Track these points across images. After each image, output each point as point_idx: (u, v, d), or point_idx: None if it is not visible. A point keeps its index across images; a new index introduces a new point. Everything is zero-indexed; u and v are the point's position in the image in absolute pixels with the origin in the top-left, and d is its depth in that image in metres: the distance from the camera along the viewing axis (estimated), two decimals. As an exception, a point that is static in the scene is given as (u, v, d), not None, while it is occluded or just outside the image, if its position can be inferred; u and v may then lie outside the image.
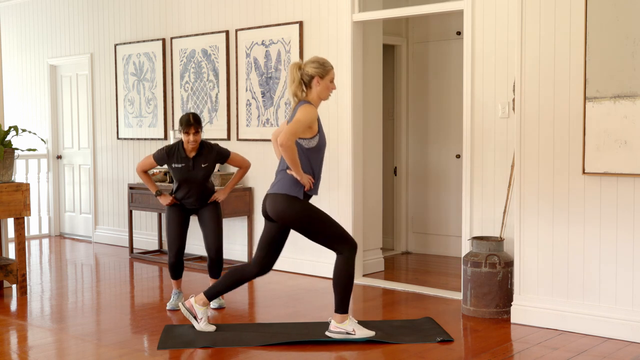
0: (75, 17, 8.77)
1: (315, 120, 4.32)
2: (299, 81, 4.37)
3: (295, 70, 4.38)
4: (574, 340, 4.45)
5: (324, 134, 4.46)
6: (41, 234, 9.22)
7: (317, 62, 4.37)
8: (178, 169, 5.18)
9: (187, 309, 4.64)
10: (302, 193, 4.34)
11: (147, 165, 5.30)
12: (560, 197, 4.65)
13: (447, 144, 7.43)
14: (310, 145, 4.35)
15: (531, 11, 4.70)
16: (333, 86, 4.44)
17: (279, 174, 4.43)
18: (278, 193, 4.36)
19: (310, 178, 4.35)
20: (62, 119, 9.18)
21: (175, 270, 5.33)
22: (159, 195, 5.31)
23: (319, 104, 4.43)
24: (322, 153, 4.46)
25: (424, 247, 7.64)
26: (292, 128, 4.23)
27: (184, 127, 5.10)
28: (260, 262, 4.52)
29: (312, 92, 4.39)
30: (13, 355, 4.36)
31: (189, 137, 5.10)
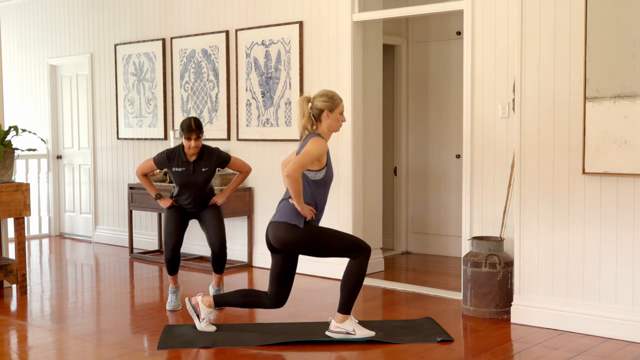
0: (75, 17, 8.77)
1: (324, 153, 4.32)
2: (308, 115, 4.37)
3: (305, 104, 4.38)
4: (574, 340, 4.45)
5: (332, 168, 4.45)
6: (41, 234, 9.22)
7: (326, 96, 4.37)
8: (178, 172, 5.18)
9: (192, 306, 4.64)
10: (303, 222, 4.34)
11: (147, 168, 5.30)
12: (560, 197, 4.65)
13: (447, 144, 7.43)
14: (316, 178, 4.35)
15: (531, 11, 4.70)
16: (343, 118, 4.43)
17: (281, 203, 4.45)
18: (279, 221, 4.37)
19: (311, 209, 4.34)
20: (62, 119, 9.18)
21: (172, 266, 5.29)
22: (158, 199, 5.30)
23: (329, 136, 4.43)
24: (328, 187, 4.45)
25: (424, 247, 7.64)
26: (300, 160, 4.23)
27: (185, 133, 5.10)
28: (275, 297, 4.51)
29: (322, 125, 4.38)
30: (13, 355, 4.36)
31: (190, 142, 5.10)
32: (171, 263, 5.30)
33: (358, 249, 4.41)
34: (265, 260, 6.79)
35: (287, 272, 4.49)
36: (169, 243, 5.27)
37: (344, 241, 4.42)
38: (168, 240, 5.27)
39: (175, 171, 5.19)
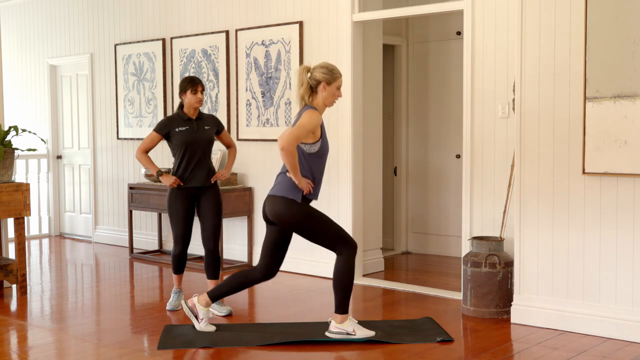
0: (75, 17, 8.77)
1: (318, 125, 4.31)
2: (307, 85, 4.37)
3: (304, 73, 4.38)
4: (574, 340, 4.45)
5: (327, 140, 4.45)
6: (41, 234, 9.22)
7: (326, 68, 4.37)
8: (182, 132, 5.04)
9: (189, 308, 4.64)
10: (301, 196, 4.34)
11: (149, 142, 5.09)
12: (560, 197, 4.65)
13: (447, 144, 7.43)
14: (311, 151, 4.34)
15: (531, 11, 4.70)
16: (339, 94, 4.43)
17: (279, 177, 4.44)
18: (276, 195, 4.37)
19: (309, 182, 4.34)
20: (62, 119, 9.18)
21: (180, 263, 5.20)
22: (161, 175, 5.05)
23: (323, 110, 4.42)
24: (324, 159, 4.45)
25: (424, 247, 7.65)
26: (294, 132, 4.23)
27: (190, 86, 5.03)
28: (265, 267, 4.52)
29: (318, 98, 4.38)
30: (13, 355, 4.36)
31: (197, 95, 5.04)
32: (179, 260, 5.20)
33: (344, 245, 4.39)
34: (265, 260, 6.79)
35: (281, 243, 4.50)
36: (180, 235, 5.11)
37: (334, 231, 4.41)
38: (179, 230, 5.11)
39: (179, 131, 5.03)
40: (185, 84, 5.08)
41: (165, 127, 5.08)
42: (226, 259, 7.09)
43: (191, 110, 5.11)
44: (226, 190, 6.73)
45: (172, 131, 5.06)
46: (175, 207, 5.12)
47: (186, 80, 5.09)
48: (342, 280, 4.40)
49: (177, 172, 5.09)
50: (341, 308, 4.44)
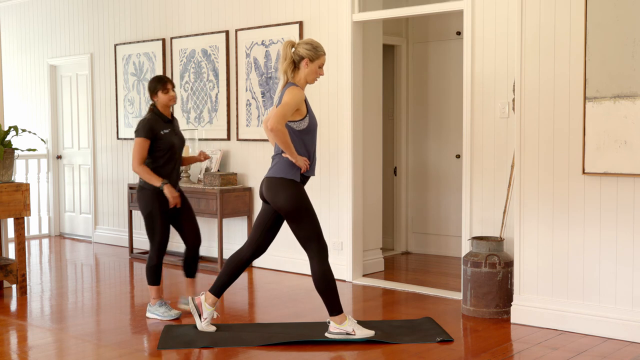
0: (75, 17, 8.77)
1: (302, 101, 4.32)
2: (290, 60, 4.37)
3: (288, 48, 4.38)
4: (574, 340, 4.45)
5: (313, 114, 4.46)
6: (41, 234, 9.22)
7: (310, 45, 4.36)
8: (167, 134, 4.94)
9: (195, 306, 4.63)
10: (299, 175, 4.35)
11: (143, 150, 4.87)
12: (560, 197, 4.65)
13: (447, 144, 7.43)
14: (301, 127, 4.35)
15: (531, 11, 4.70)
16: (321, 72, 4.42)
17: (275, 158, 4.43)
18: (275, 177, 4.37)
19: (305, 160, 4.35)
20: (62, 119, 9.18)
21: (160, 272, 5.05)
22: (165, 185, 4.87)
23: (304, 86, 4.41)
24: (315, 133, 4.46)
25: (424, 247, 7.65)
26: (280, 111, 4.22)
27: (162, 85, 4.95)
28: (254, 243, 4.53)
29: (300, 74, 4.38)
30: (13, 355, 4.36)
31: (169, 93, 4.96)
32: (160, 269, 5.05)
33: (317, 244, 4.37)
34: (264, 260, 6.79)
35: (275, 221, 4.51)
36: (162, 241, 4.98)
37: (316, 228, 4.39)
38: (161, 237, 4.97)
39: (164, 134, 4.91)
40: (155, 85, 4.98)
41: (151, 130, 4.90)
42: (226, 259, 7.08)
43: (166, 110, 5.02)
44: (226, 190, 6.74)
45: (158, 134, 4.92)
46: (158, 213, 4.95)
47: (155, 81, 4.99)
48: (323, 283, 4.38)
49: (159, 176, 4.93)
50: (334, 309, 4.43)
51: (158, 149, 4.93)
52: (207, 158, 5.26)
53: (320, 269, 4.38)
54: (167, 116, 5.02)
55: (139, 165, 4.89)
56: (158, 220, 4.96)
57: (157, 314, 5.04)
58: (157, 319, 5.03)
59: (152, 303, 5.08)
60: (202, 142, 7.39)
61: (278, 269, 6.73)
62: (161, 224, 4.97)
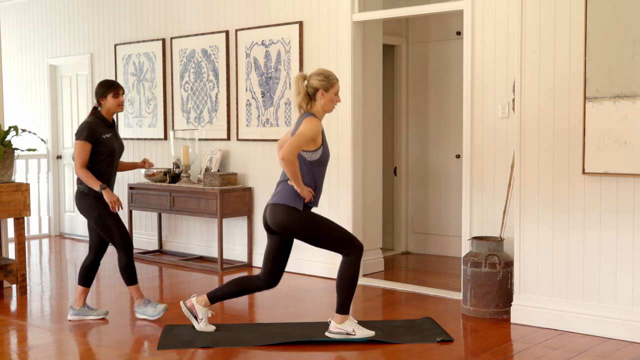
0: (75, 17, 8.77)
1: (319, 133, 4.30)
2: (304, 93, 4.36)
3: (301, 82, 4.37)
4: (574, 340, 4.45)
5: (327, 147, 4.44)
6: (41, 234, 9.22)
7: (323, 75, 4.36)
8: (109, 138, 4.87)
9: (188, 309, 4.63)
10: (302, 204, 4.34)
11: (85, 154, 4.78)
12: (560, 197, 4.65)
13: (447, 144, 7.43)
14: (313, 158, 4.34)
15: (531, 11, 4.70)
16: (338, 99, 4.42)
17: (280, 185, 4.43)
18: (277, 203, 4.36)
19: (310, 191, 4.34)
20: (62, 119, 9.18)
21: (134, 271, 5.00)
22: (104, 189, 4.78)
23: (323, 116, 4.41)
24: (325, 166, 4.45)
25: (424, 247, 7.64)
26: (295, 142, 4.22)
27: (113, 90, 4.88)
28: (267, 277, 4.52)
29: (317, 105, 4.37)
30: (13, 355, 4.36)
31: (119, 99, 4.90)
32: (133, 267, 4.99)
33: (351, 245, 4.39)
34: (265, 260, 6.79)
35: (282, 252, 4.50)
36: (124, 237, 4.90)
37: (339, 234, 4.40)
38: (122, 234, 4.88)
39: (106, 138, 4.83)
40: (106, 88, 4.90)
41: (93, 133, 4.81)
42: (226, 259, 7.09)
43: (109, 115, 4.95)
44: (226, 190, 6.74)
45: (100, 138, 4.84)
46: (107, 214, 4.87)
47: (106, 84, 4.92)
48: (346, 281, 4.40)
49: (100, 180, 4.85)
50: (343, 309, 4.44)
51: (99, 153, 4.86)
52: (151, 165, 5.27)
53: (351, 267, 4.39)
54: (109, 120, 4.95)
55: (81, 168, 4.81)
56: (110, 220, 4.88)
57: (146, 314, 5.00)
58: (147, 319, 4.99)
59: (138, 303, 5.05)
60: (202, 142, 7.39)
61: (278, 269, 6.73)
62: (115, 223, 4.89)
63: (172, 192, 7.13)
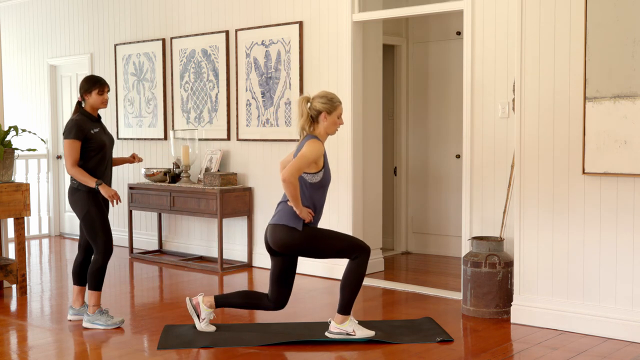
0: (75, 17, 8.77)
1: (321, 156, 4.31)
2: (307, 115, 4.37)
3: (304, 104, 4.38)
4: (574, 340, 4.45)
5: (329, 169, 4.44)
6: (41, 234, 9.22)
7: (325, 98, 4.37)
8: (97, 133, 4.82)
9: (192, 306, 4.63)
10: (302, 225, 4.34)
11: (75, 152, 4.73)
12: (560, 197, 4.65)
13: (447, 144, 7.43)
14: (314, 180, 4.34)
15: (531, 11, 4.70)
16: (340, 122, 4.43)
17: (280, 205, 4.44)
18: (277, 224, 4.37)
19: (310, 212, 4.34)
20: (62, 119, 9.18)
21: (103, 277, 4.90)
22: (100, 185, 4.72)
23: (325, 138, 4.42)
24: (326, 189, 4.45)
25: (424, 247, 7.64)
26: (296, 164, 4.23)
27: (98, 86, 4.83)
28: (276, 298, 4.53)
29: (319, 127, 4.38)
30: (13, 355, 4.36)
31: (103, 96, 4.87)
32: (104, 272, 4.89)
33: (358, 250, 4.40)
34: (265, 260, 6.79)
35: (287, 273, 4.50)
36: (109, 240, 4.83)
37: (343, 242, 4.41)
38: (107, 236, 4.81)
39: (94, 133, 4.79)
40: (91, 84, 4.85)
41: (81, 131, 4.76)
42: (226, 259, 7.09)
43: (94, 111, 4.91)
44: (226, 190, 6.74)
45: (89, 134, 4.79)
46: (96, 213, 4.80)
47: (92, 80, 4.88)
48: (351, 282, 4.40)
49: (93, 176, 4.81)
50: (345, 309, 4.44)
51: (90, 149, 4.81)
52: (140, 160, 5.25)
53: (358, 268, 4.39)
54: (94, 115, 4.92)
55: (73, 167, 4.75)
56: (97, 220, 4.81)
57: (98, 323, 4.82)
58: (99, 328, 4.81)
59: (91, 311, 4.85)
60: (202, 142, 7.39)
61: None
62: (101, 224, 4.81)
63: (172, 192, 7.13)
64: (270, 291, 4.53)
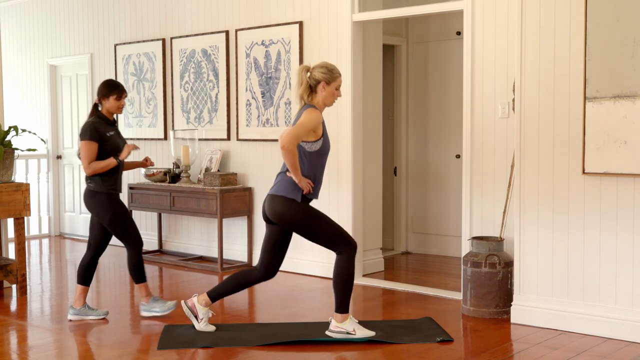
0: (75, 17, 8.77)
1: (319, 124, 4.31)
2: (306, 84, 4.37)
3: (303, 73, 4.38)
4: (574, 340, 4.45)
5: (328, 138, 4.44)
6: (41, 234, 9.22)
7: (326, 68, 4.37)
8: (112, 136, 4.92)
9: (188, 308, 4.63)
10: (301, 196, 4.34)
11: (92, 153, 4.83)
12: (560, 197, 4.65)
13: (447, 144, 7.43)
14: (313, 149, 4.34)
15: (531, 11, 4.70)
16: (339, 93, 4.44)
17: (279, 176, 4.43)
18: (276, 195, 4.37)
19: (309, 182, 4.34)
20: (62, 119, 9.18)
21: (144, 269, 5.07)
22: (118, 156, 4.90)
23: (323, 109, 4.42)
24: (325, 158, 4.45)
25: (424, 247, 7.64)
26: (295, 131, 4.22)
27: (116, 92, 4.92)
28: (265, 267, 4.53)
29: (317, 97, 4.39)
30: (13, 355, 4.36)
31: (121, 102, 4.96)
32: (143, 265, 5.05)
33: (344, 243, 4.40)
34: (265, 260, 6.79)
35: (281, 244, 4.51)
36: (139, 241, 5.02)
37: (334, 230, 4.40)
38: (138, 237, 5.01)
39: (110, 136, 4.90)
40: (110, 89, 4.93)
41: (97, 132, 4.86)
42: (226, 259, 7.09)
43: (110, 115, 4.99)
44: (226, 190, 6.74)
45: (104, 136, 4.89)
46: (121, 212, 4.95)
47: (111, 85, 4.95)
48: (342, 279, 4.40)
49: (109, 179, 4.92)
50: (341, 307, 4.44)
51: (105, 152, 4.90)
52: (152, 164, 5.30)
53: (345, 265, 4.39)
54: (110, 119, 5.00)
55: (90, 165, 4.84)
56: (124, 218, 4.95)
57: (155, 310, 5.05)
58: (156, 315, 5.03)
59: (146, 301, 5.09)
60: (202, 142, 7.39)
61: (278, 269, 6.73)
62: (128, 221, 4.97)
63: (172, 192, 7.13)
64: (261, 260, 4.53)
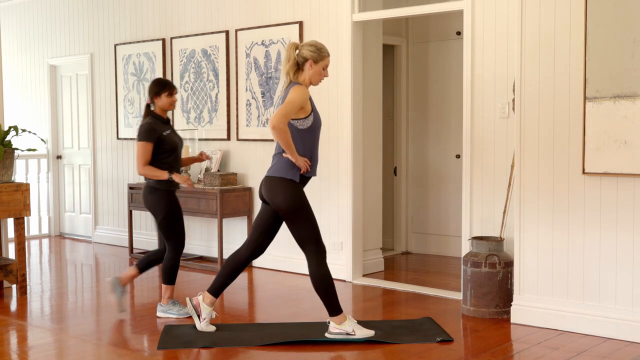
0: (75, 17, 8.77)
1: (307, 100, 4.29)
2: (293, 61, 4.36)
3: (292, 50, 4.37)
4: (574, 340, 4.45)
5: (318, 113, 4.43)
6: (41, 234, 9.22)
7: (314, 46, 4.36)
8: (169, 135, 5.00)
9: (193, 306, 4.63)
10: (299, 176, 4.33)
11: (147, 154, 4.91)
12: (560, 197, 4.65)
13: (447, 144, 7.43)
14: (304, 126, 4.32)
15: (531, 11, 4.70)
16: (325, 73, 4.42)
17: (275, 157, 4.41)
18: (274, 176, 4.35)
19: (306, 160, 4.33)
20: (62, 119, 9.18)
21: (176, 273, 5.12)
22: (172, 174, 4.91)
23: (308, 87, 4.40)
24: (318, 133, 4.43)
25: (424, 247, 7.64)
26: (283, 109, 4.20)
27: (168, 89, 4.99)
28: (253, 244, 4.52)
29: (304, 75, 4.37)
30: (13, 355, 4.36)
31: (173, 97, 5.02)
32: (177, 268, 5.11)
33: (315, 245, 4.35)
34: (265, 260, 6.79)
35: (273, 224, 4.50)
36: (182, 244, 5.07)
37: (315, 231, 4.38)
38: (183, 240, 5.07)
39: (167, 135, 4.97)
40: (161, 87, 5.00)
41: (154, 133, 4.93)
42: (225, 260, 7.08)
43: (163, 113, 5.05)
44: (226, 190, 6.74)
45: (161, 136, 4.95)
46: (176, 213, 5.03)
47: (161, 83, 5.02)
48: (320, 284, 4.38)
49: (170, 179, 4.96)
50: (333, 310, 4.42)
51: (163, 151, 4.98)
52: (208, 158, 5.31)
53: (318, 271, 4.38)
54: (164, 118, 5.07)
55: (144, 167, 4.93)
56: (176, 220, 5.03)
57: (171, 312, 5.05)
58: (172, 317, 5.03)
59: (165, 302, 5.09)
60: (202, 142, 7.39)
61: (278, 269, 6.73)
62: (179, 223, 5.04)
63: (172, 192, 7.12)
64: (249, 238, 4.52)
